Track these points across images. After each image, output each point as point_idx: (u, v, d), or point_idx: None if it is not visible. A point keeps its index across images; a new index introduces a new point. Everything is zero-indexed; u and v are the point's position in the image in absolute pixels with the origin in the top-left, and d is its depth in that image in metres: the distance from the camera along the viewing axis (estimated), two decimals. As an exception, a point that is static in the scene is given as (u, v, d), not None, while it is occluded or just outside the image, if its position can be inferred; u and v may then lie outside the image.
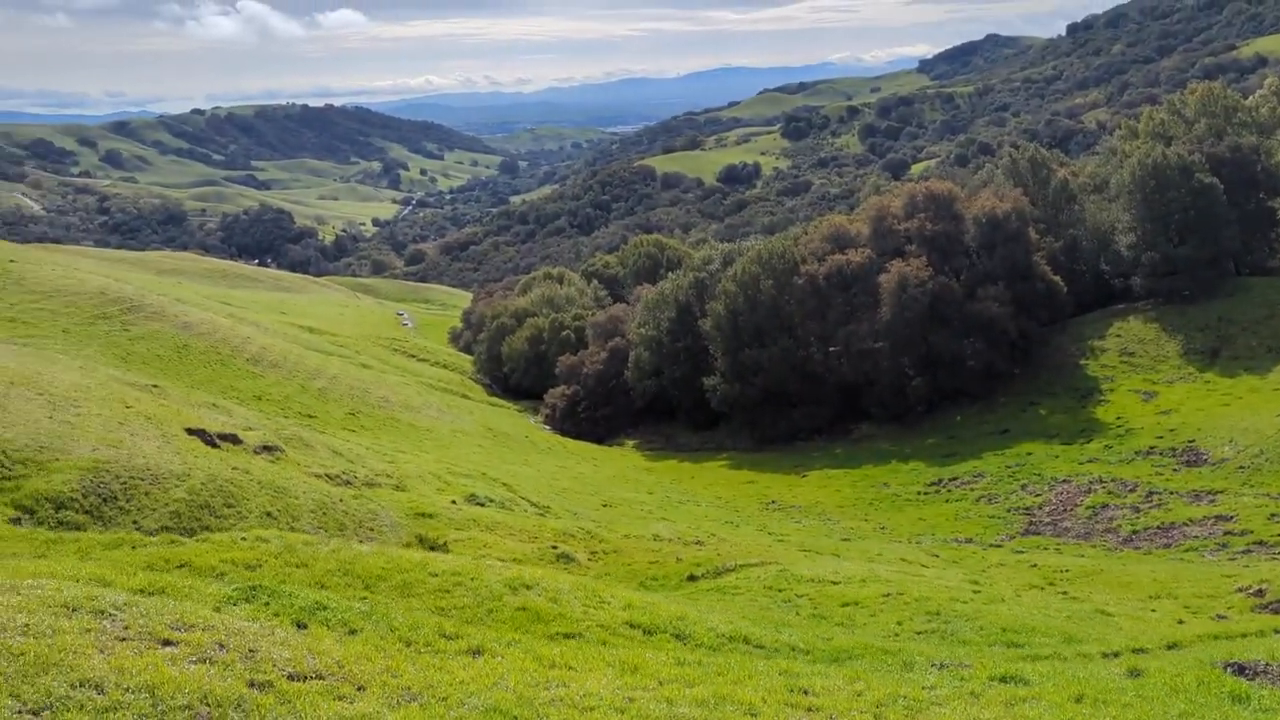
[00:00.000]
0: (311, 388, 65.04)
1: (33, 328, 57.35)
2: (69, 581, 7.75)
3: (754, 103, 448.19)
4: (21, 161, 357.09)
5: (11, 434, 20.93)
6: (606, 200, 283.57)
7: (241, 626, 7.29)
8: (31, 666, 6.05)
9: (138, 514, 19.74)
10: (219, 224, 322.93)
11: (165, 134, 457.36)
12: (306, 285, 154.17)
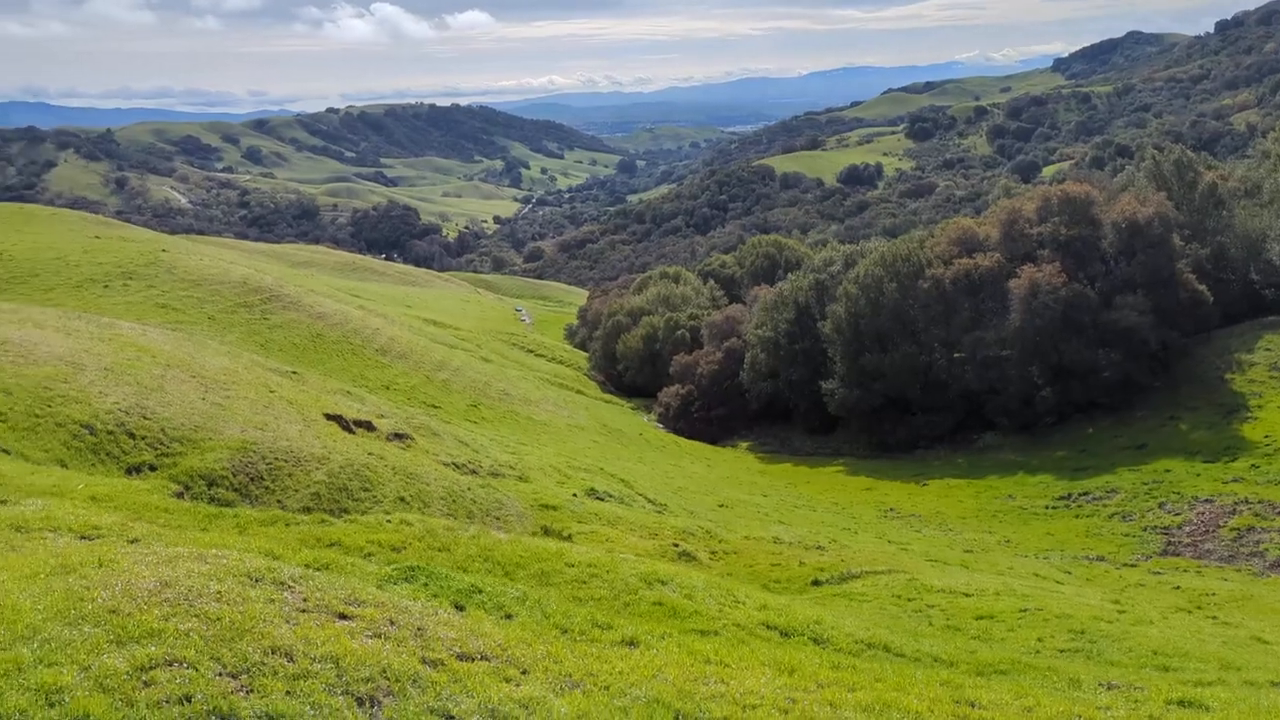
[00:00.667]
0: (436, 379, 66.73)
1: (181, 314, 60.45)
2: (249, 554, 8.12)
3: (878, 102, 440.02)
4: (171, 157, 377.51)
5: (169, 413, 22.07)
6: (724, 200, 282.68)
7: (407, 605, 7.52)
8: (228, 632, 6.37)
9: (281, 494, 20.57)
10: (349, 219, 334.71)
11: (302, 132, 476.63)
12: (431, 280, 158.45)
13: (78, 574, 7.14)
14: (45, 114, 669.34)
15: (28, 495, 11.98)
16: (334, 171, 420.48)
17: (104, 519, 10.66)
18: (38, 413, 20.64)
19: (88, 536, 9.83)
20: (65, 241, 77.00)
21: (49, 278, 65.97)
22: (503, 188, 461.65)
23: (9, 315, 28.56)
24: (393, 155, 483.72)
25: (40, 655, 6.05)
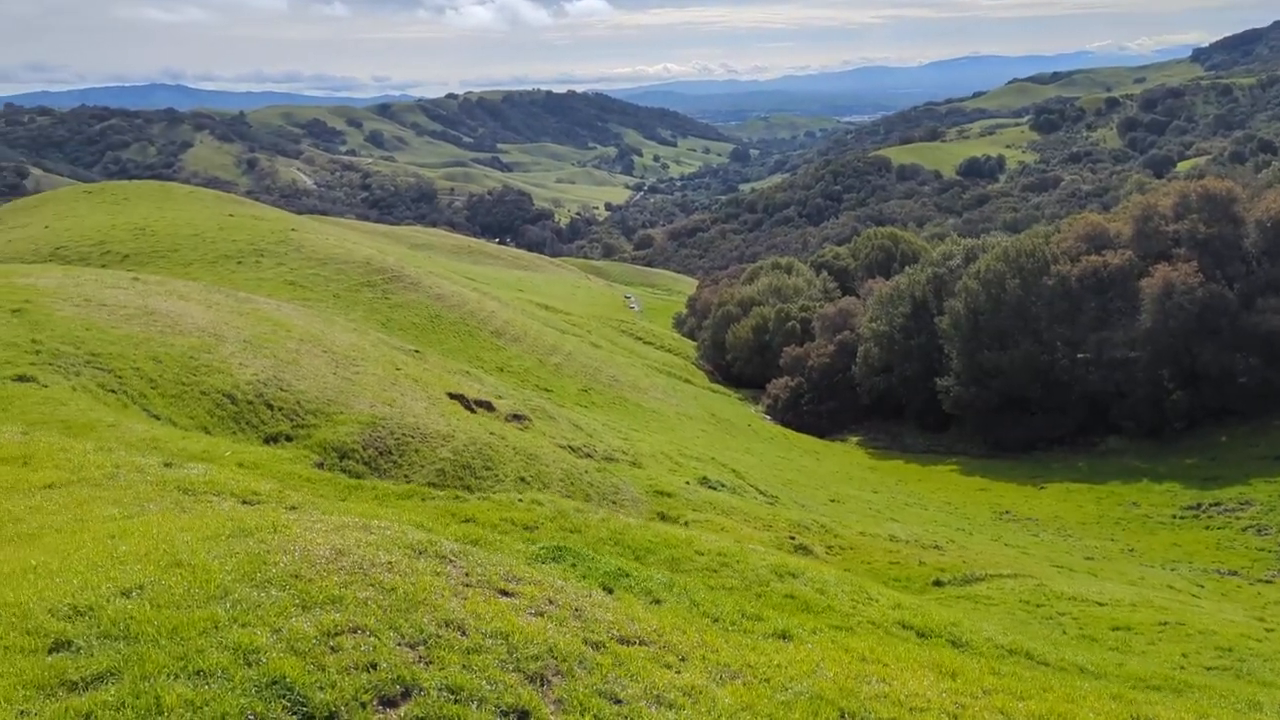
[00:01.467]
0: (549, 363, 67.59)
1: (308, 291, 62.61)
2: (408, 526, 8.33)
3: (1001, 93, 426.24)
4: (299, 139, 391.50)
5: (304, 386, 22.88)
6: (838, 191, 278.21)
7: (561, 585, 7.60)
8: (402, 602, 6.56)
9: (408, 469, 21.13)
10: (465, 203, 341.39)
11: (422, 116, 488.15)
12: (542, 264, 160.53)
13: (255, 538, 7.41)
14: (184, 96, 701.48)
15: (184, 459, 12.56)
16: (452, 156, 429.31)
17: (262, 485, 11.09)
18: (184, 381, 21.68)
19: (249, 501, 10.25)
20: (202, 219, 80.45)
21: (187, 253, 68.97)
22: (615, 175, 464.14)
23: (156, 287, 30.04)
24: (509, 141, 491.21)
25: (233, 615, 6.32)
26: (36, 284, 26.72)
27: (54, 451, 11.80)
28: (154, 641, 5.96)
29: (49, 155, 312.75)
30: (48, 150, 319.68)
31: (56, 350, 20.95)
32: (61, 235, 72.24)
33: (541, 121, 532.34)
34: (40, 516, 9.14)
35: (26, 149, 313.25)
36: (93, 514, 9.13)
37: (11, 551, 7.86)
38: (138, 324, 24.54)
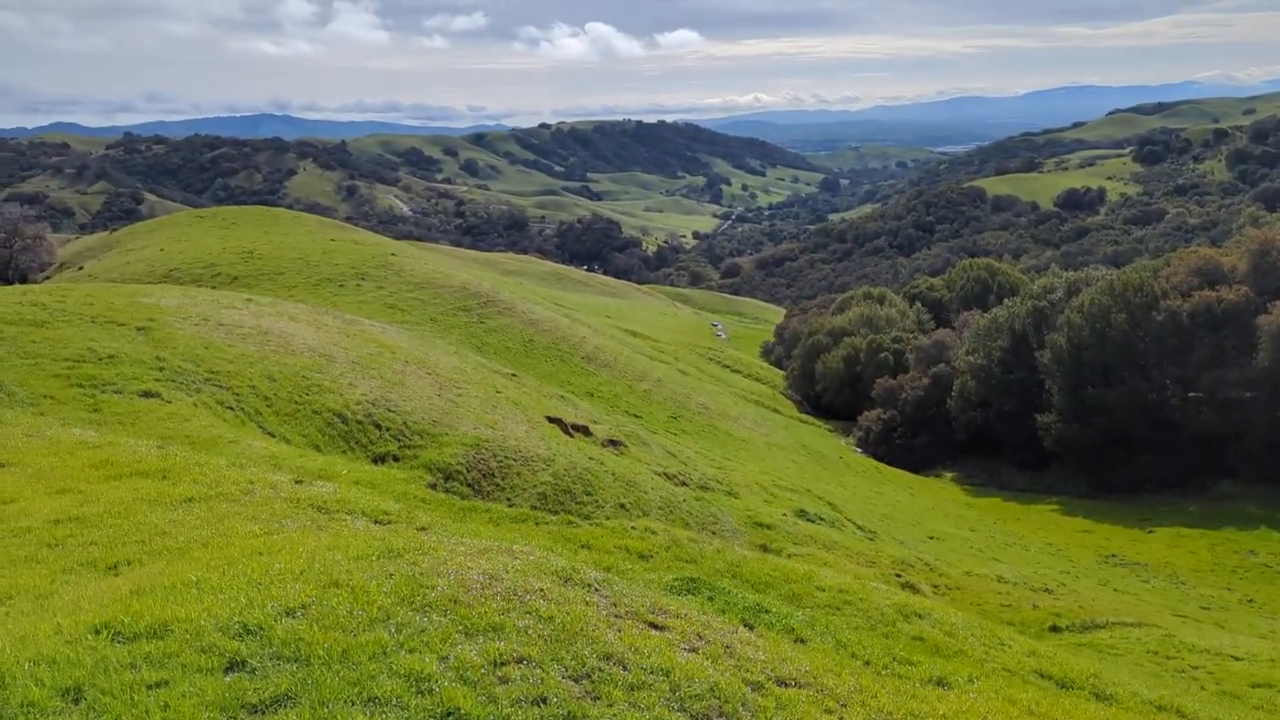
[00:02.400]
0: (638, 389, 67.61)
1: (407, 314, 63.89)
2: (549, 552, 8.25)
3: (1102, 124, 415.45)
4: (396, 168, 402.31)
5: (410, 407, 23.19)
6: (930, 221, 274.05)
7: (706, 620, 7.41)
8: (562, 633, 6.44)
9: (510, 491, 21.19)
10: (555, 230, 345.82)
11: (515, 145, 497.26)
12: (630, 291, 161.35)
13: (405, 559, 7.39)
14: (289, 125, 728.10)
15: (308, 476, 12.74)
16: (543, 184, 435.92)
17: (390, 505, 11.15)
18: (297, 400, 22.19)
19: (380, 520, 10.32)
20: (306, 243, 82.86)
21: (292, 276, 71.01)
22: (703, 203, 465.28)
23: (268, 308, 30.92)
24: (599, 170, 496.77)
25: (399, 640, 6.31)
26: (159, 303, 27.75)
27: (190, 466, 12.09)
28: (326, 665, 5.97)
29: (163, 182, 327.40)
30: (162, 177, 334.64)
31: (179, 368, 21.67)
32: (175, 257, 75.24)
33: (631, 151, 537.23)
34: (184, 530, 9.33)
35: (143, 176, 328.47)
36: (234, 529, 9.27)
37: (164, 565, 8.00)
38: (253, 343, 25.25)
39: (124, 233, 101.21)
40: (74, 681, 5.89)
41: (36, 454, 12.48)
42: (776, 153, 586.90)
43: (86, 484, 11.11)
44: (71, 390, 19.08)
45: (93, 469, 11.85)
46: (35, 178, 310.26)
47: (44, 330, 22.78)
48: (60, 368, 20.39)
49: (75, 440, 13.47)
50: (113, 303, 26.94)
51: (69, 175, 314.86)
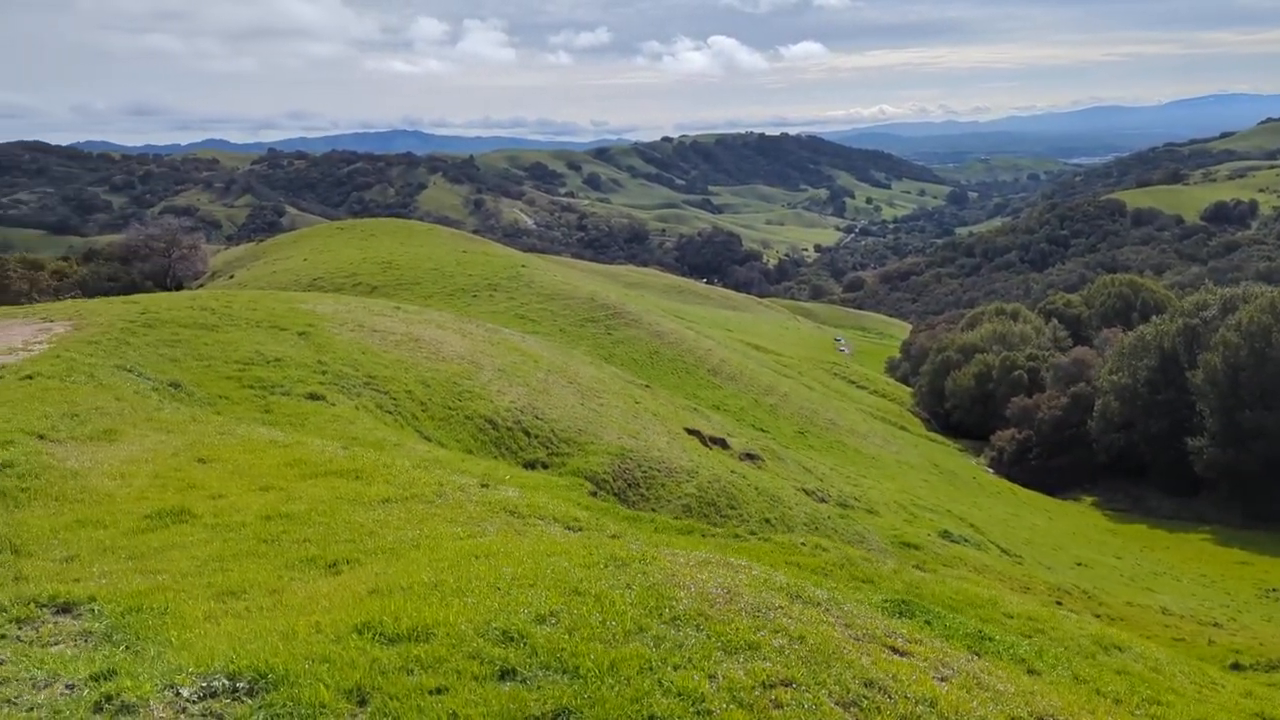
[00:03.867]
0: (764, 403, 67.06)
1: (537, 324, 65.00)
2: (768, 567, 8.18)
3: (1253, 133, 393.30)
4: (521, 182, 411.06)
5: (556, 415, 23.53)
6: (1064, 235, 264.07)
7: (940, 647, 7.18)
8: (816, 654, 6.36)
9: (655, 502, 21.23)
10: (675, 243, 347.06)
11: (637, 159, 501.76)
12: (750, 305, 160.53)
13: (633, 569, 7.39)
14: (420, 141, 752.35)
15: (486, 480, 12.99)
16: (664, 198, 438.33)
17: (578, 513, 11.28)
18: (450, 405, 22.79)
19: (571, 527, 10.43)
20: (440, 254, 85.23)
21: (428, 285, 73.09)
22: (825, 216, 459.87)
23: (416, 316, 31.90)
24: (720, 183, 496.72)
25: (662, 655, 6.25)
26: (315, 309, 28.94)
27: (379, 467, 12.49)
28: (598, 679, 5.95)
29: (303, 195, 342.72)
30: (302, 191, 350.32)
31: (340, 372, 22.55)
32: (319, 267, 78.43)
33: (753, 164, 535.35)
34: (390, 530, 9.58)
35: (285, 190, 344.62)
36: (439, 531, 9.45)
37: (384, 565, 8.21)
38: (405, 349, 26.07)
39: (270, 244, 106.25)
40: (354, 683, 6.00)
41: (232, 451, 13.11)
42: (902, 165, 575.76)
43: (286, 481, 11.58)
44: (244, 391, 20.05)
45: (287, 467, 12.36)
46: (187, 191, 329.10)
47: (214, 334, 24.03)
48: (231, 370, 21.46)
49: (265, 439, 14.10)
50: (274, 308, 28.22)
51: (218, 189, 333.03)
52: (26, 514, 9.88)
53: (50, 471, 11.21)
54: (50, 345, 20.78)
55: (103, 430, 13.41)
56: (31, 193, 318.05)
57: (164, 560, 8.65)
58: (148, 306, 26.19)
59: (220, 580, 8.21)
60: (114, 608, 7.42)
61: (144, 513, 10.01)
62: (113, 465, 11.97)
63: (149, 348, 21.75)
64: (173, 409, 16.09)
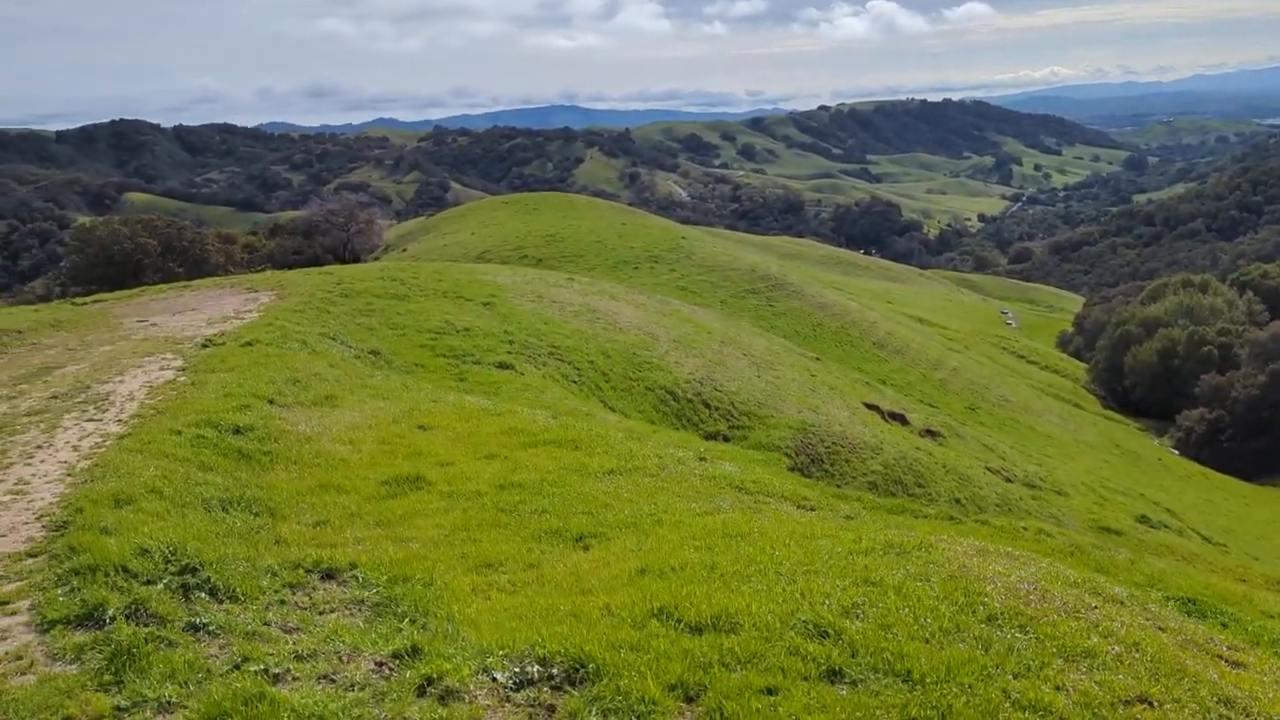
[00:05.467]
0: (932, 377, 65.03)
1: (698, 296, 64.83)
2: (1046, 556, 7.73)
3: None
4: (676, 154, 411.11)
5: (734, 387, 23.31)
6: (1258, 202, 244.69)
7: (1263, 656, 6.47)
8: (1159, 666, 5.80)
9: (839, 479, 20.76)
10: (831, 214, 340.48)
11: (793, 129, 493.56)
12: (911, 276, 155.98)
13: (914, 557, 7.02)
14: (578, 116, 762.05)
15: (687, 453, 12.90)
16: (820, 168, 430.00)
17: (806, 491, 11.04)
18: (631, 376, 22.90)
19: (802, 506, 10.22)
20: (601, 227, 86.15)
21: (591, 258, 74.00)
22: (990, 185, 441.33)
23: (589, 287, 32.23)
24: (878, 152, 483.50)
25: (995, 660, 5.79)
26: (496, 280, 29.61)
27: (593, 437, 12.57)
28: (935, 685, 5.49)
29: (466, 171, 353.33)
30: (465, 167, 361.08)
31: (525, 341, 22.99)
32: (485, 240, 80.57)
33: (914, 131, 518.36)
34: (624, 504, 9.54)
35: (449, 166, 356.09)
36: (673, 506, 9.32)
37: (635, 541, 8.09)
38: (584, 320, 26.36)
39: (439, 218, 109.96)
40: (676, 677, 5.76)
41: (449, 418, 13.46)
42: (1074, 129, 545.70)
43: (508, 450, 11.76)
44: (437, 360, 20.68)
45: (505, 435, 12.57)
46: (360, 169, 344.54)
47: (406, 304, 24.89)
48: (424, 338, 22.17)
49: (477, 407, 14.44)
50: (458, 279, 29.01)
51: (387, 166, 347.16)
52: (272, 477, 10.32)
53: (286, 436, 11.74)
54: (260, 314, 21.96)
55: (324, 396, 14.01)
56: (221, 172, 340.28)
57: (410, 528, 8.83)
58: (342, 277, 27.36)
59: (473, 551, 8.21)
60: (378, 575, 7.49)
61: (380, 479, 10.30)
62: (340, 430, 12.45)
63: (347, 316, 22.71)
64: (383, 376, 16.71)
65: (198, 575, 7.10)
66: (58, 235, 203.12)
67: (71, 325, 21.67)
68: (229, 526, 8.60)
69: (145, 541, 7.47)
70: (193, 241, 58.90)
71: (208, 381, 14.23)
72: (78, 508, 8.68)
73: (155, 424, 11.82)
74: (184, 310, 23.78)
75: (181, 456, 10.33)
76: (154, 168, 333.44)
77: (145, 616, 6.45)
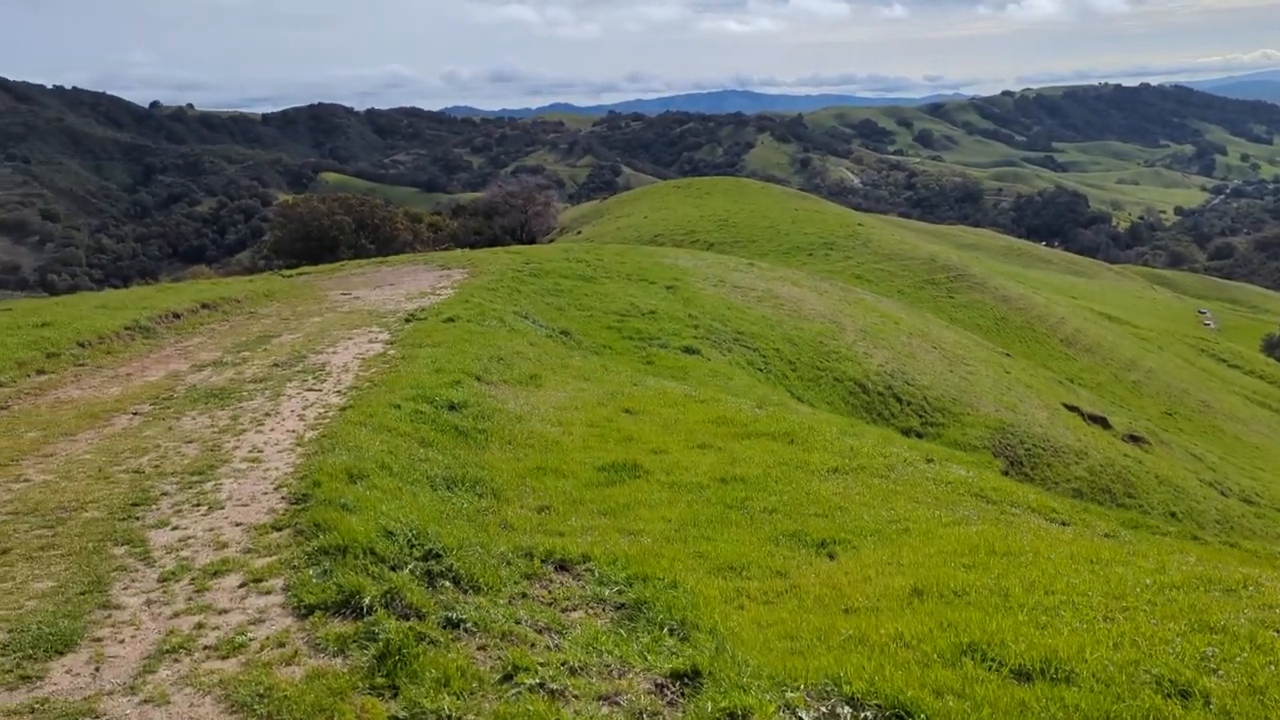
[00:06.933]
0: (1125, 379, 61.26)
1: (874, 285, 63.07)
2: None
3: None
4: (849, 140, 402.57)
5: (926, 381, 22.30)
6: None
7: None
8: None
9: (1041, 484, 19.54)
10: (1011, 204, 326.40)
11: (974, 115, 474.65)
12: (1098, 271, 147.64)
13: (1246, 598, 6.05)
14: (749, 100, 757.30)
15: (915, 454, 12.18)
16: (1001, 155, 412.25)
17: (1053, 502, 10.26)
18: (818, 366, 22.24)
19: (1052, 519, 9.40)
20: (774, 212, 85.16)
21: (763, 243, 73.26)
22: (1189, 175, 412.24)
23: (770, 273, 31.63)
24: (1065, 139, 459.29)
25: None
26: (677, 264, 29.43)
27: (807, 431, 12.12)
28: None
29: (638, 155, 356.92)
30: (637, 151, 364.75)
31: (710, 326, 22.69)
32: (658, 224, 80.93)
33: (1105, 118, 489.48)
34: (858, 507, 9.04)
35: (621, 150, 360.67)
36: (916, 514, 8.64)
37: (886, 552, 7.55)
38: (767, 306, 25.83)
39: (612, 201, 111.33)
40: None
41: (653, 403, 13.28)
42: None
43: (721, 440, 11.43)
44: (625, 342, 20.63)
45: (714, 424, 12.27)
46: (536, 152, 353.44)
47: (592, 285, 25.01)
48: (611, 320, 22.18)
49: (679, 393, 14.21)
50: (640, 262, 28.98)
51: (562, 150, 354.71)
52: (489, 456, 10.31)
53: (498, 414, 11.79)
54: (455, 290, 22.49)
55: (528, 375, 14.07)
56: (408, 154, 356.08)
57: (635, 519, 8.55)
58: (530, 257, 27.78)
59: (709, 551, 7.79)
60: (614, 571, 7.14)
61: (595, 464, 10.10)
62: (548, 411, 12.43)
63: (537, 296, 22.98)
64: (581, 357, 16.73)
65: (441, 562, 6.92)
66: (260, 211, 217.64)
67: (283, 296, 22.81)
68: (456, 507, 8.50)
69: (390, 523, 7.38)
70: (384, 220, 61.61)
71: (417, 356, 14.54)
72: (315, 480, 8.77)
73: (374, 397, 12.09)
74: (383, 285, 24.66)
75: (403, 431, 10.47)
76: (347, 149, 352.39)
77: (402, 607, 6.27)
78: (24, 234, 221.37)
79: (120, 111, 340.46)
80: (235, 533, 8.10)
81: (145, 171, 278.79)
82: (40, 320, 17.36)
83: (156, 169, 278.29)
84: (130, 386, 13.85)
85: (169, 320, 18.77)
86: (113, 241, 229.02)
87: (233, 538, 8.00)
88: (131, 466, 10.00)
